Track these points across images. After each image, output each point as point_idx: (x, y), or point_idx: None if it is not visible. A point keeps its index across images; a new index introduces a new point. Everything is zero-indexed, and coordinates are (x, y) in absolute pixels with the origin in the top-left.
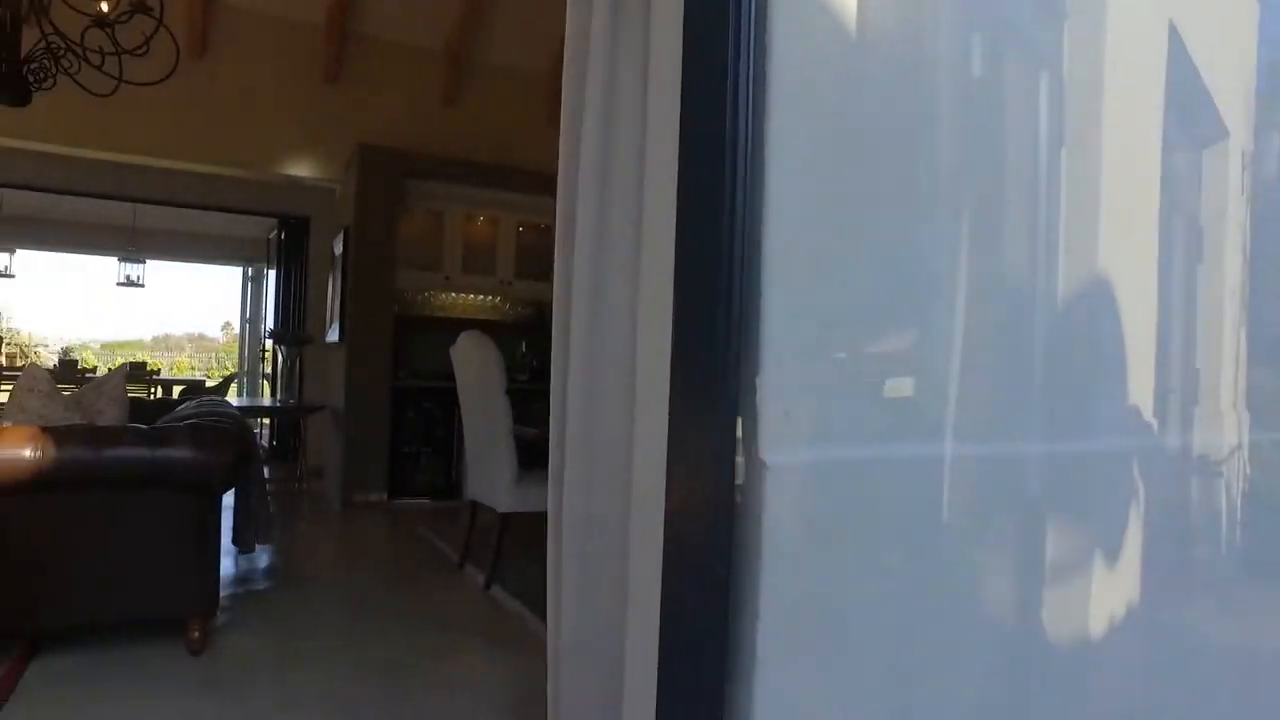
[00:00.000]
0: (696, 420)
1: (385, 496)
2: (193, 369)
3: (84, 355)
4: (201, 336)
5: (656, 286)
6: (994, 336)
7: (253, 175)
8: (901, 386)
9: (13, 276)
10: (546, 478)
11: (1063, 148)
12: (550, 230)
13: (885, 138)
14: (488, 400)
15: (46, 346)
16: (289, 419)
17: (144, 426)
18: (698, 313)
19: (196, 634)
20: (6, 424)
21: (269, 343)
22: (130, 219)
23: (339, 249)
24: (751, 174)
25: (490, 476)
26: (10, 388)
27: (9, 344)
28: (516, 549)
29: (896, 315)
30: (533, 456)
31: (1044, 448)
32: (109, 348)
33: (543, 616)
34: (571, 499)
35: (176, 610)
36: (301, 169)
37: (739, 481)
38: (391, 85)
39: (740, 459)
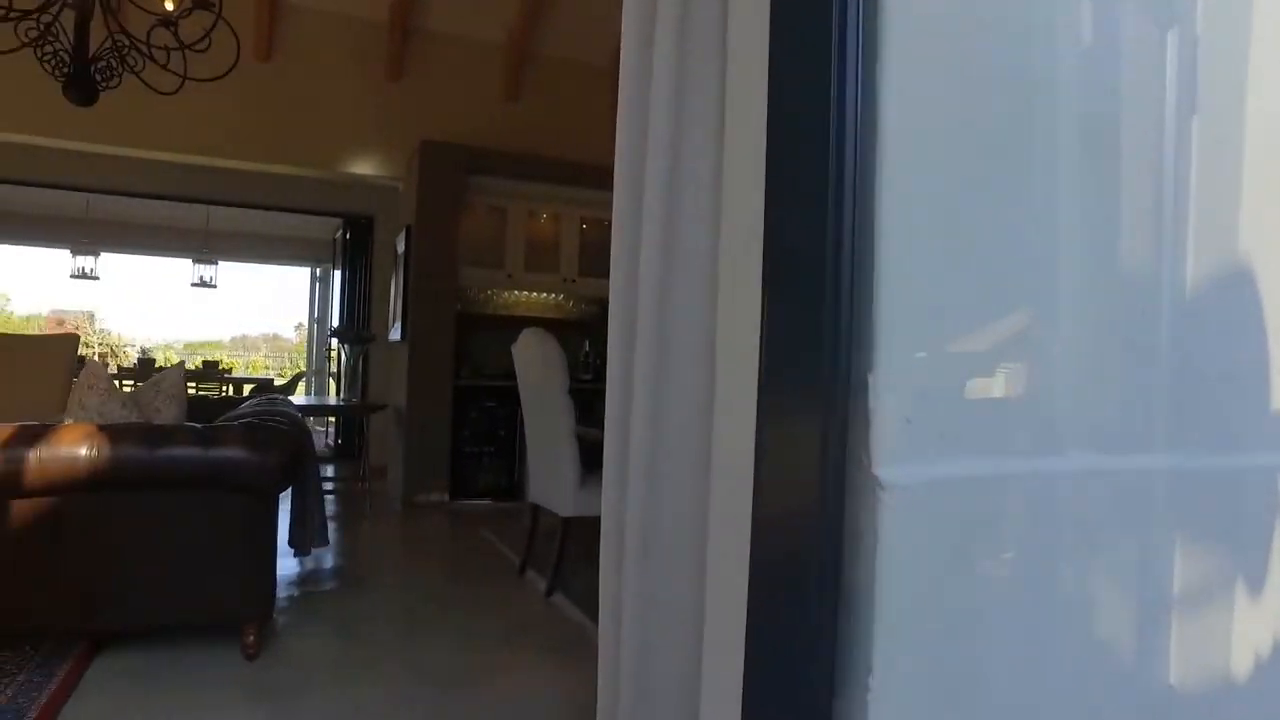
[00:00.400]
0: (792, 427)
1: (447, 497)
2: (267, 368)
3: (168, 356)
4: (276, 337)
5: (740, 272)
6: (1164, 332)
7: (318, 174)
8: (1053, 388)
9: (97, 278)
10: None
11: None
12: None
13: (1027, 93)
14: (550, 400)
15: (134, 346)
16: (352, 418)
17: (198, 425)
18: (794, 301)
19: (251, 638)
20: (68, 421)
21: (334, 342)
22: (204, 221)
23: (401, 247)
24: (861, 134)
25: (552, 479)
26: None
27: (101, 344)
28: (579, 555)
29: (1046, 303)
30: (596, 459)
31: (1224, 461)
32: (191, 347)
33: None
34: (633, 508)
35: (231, 614)
36: (366, 167)
37: (845, 499)
38: (453, 81)
39: (835, 470)
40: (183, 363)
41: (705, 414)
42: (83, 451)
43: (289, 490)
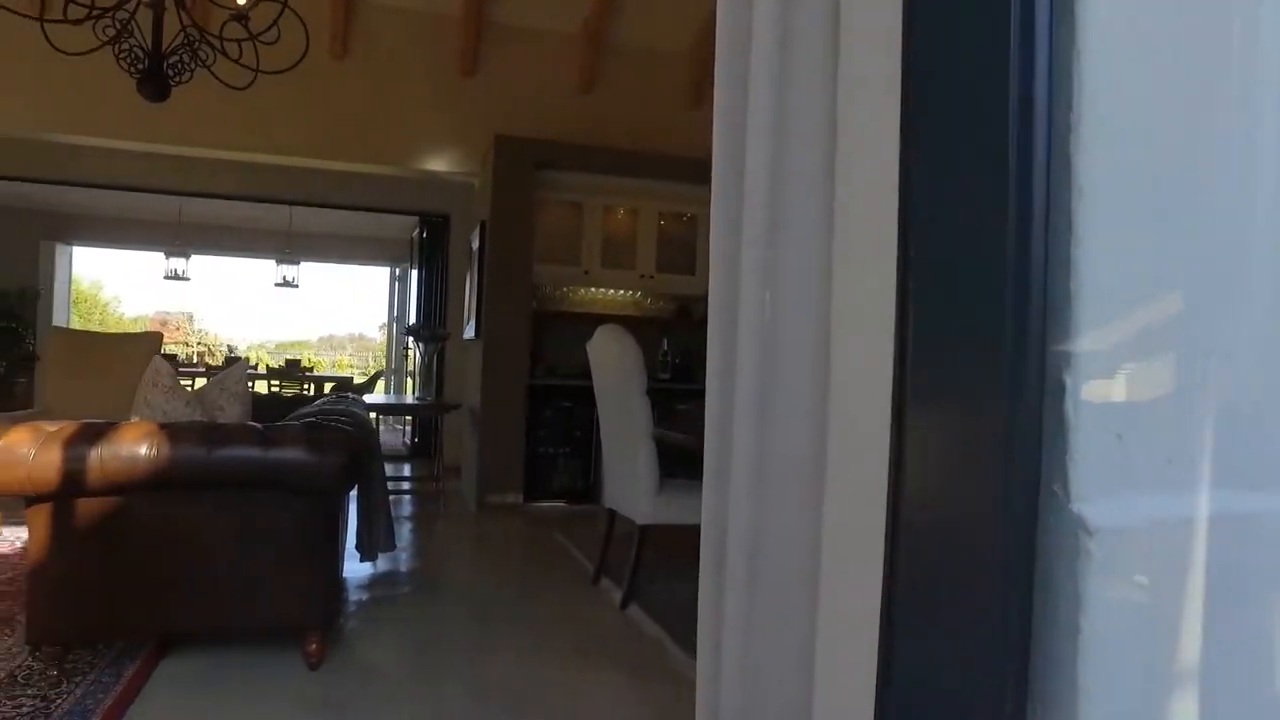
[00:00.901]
0: (950, 444)
1: (521, 498)
2: (352, 367)
3: (259, 355)
4: (361, 336)
5: (862, 247)
6: None
7: (394, 172)
8: None
9: (188, 279)
10: (690, 487)
11: None
12: (694, 221)
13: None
14: (627, 400)
15: (229, 346)
16: (427, 416)
17: (257, 425)
18: (950, 279)
19: (314, 646)
20: (135, 419)
21: (410, 340)
22: (286, 223)
23: (476, 243)
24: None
25: (628, 484)
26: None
27: (199, 343)
28: (657, 564)
29: None
30: (675, 463)
31: None
32: (282, 347)
33: (684, 645)
34: (737, 522)
35: (294, 620)
36: (440, 164)
37: (1035, 543)
38: (528, 74)
39: (1018, 504)
40: (245, 359)
41: (816, 419)
42: (143, 450)
43: (355, 493)
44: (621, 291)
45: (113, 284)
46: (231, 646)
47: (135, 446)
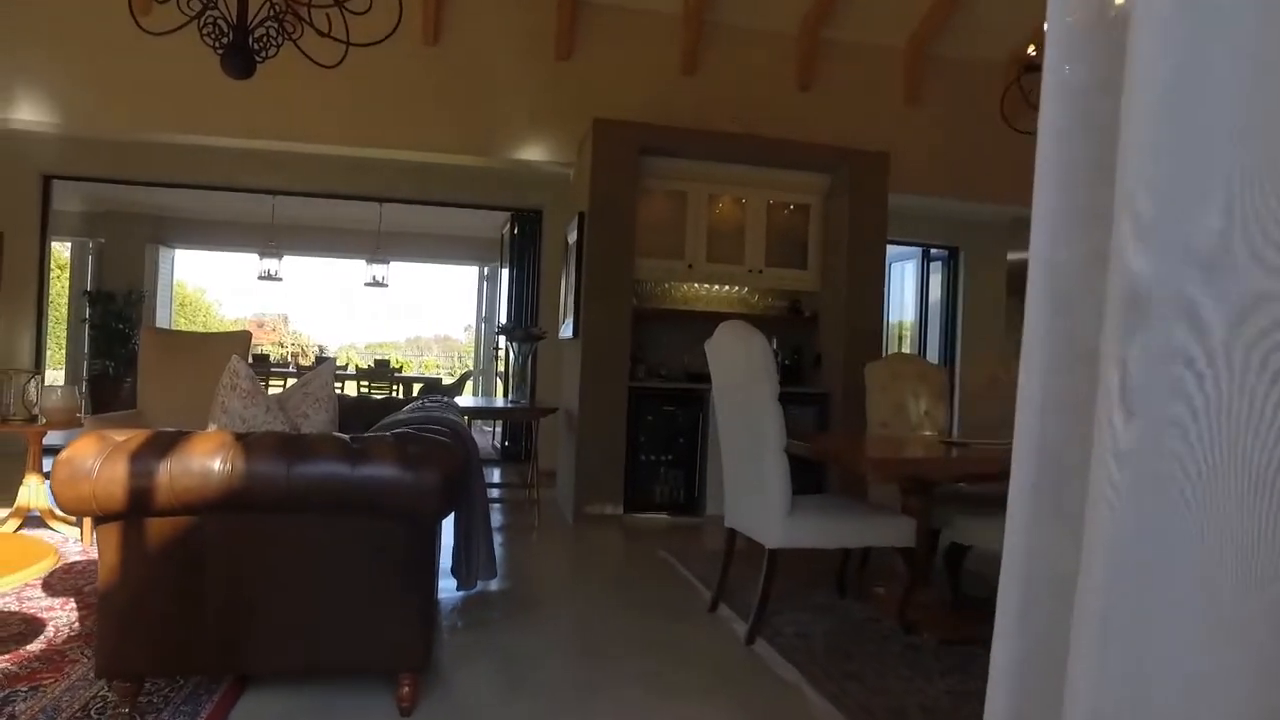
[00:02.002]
0: None
1: (621, 510)
2: (438, 368)
3: (350, 357)
4: (446, 338)
5: None
6: None
7: (487, 164)
8: None
9: (280, 279)
10: (823, 506)
11: None
12: (804, 211)
13: None
14: (755, 408)
15: (321, 346)
16: (520, 421)
17: (344, 437)
18: None
19: (407, 689)
20: (212, 427)
21: (501, 340)
22: (376, 222)
23: (572, 236)
24: None
25: (756, 503)
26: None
27: (294, 344)
28: (789, 594)
29: None
30: (806, 479)
31: None
32: (371, 348)
33: (823, 691)
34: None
35: (384, 662)
36: (535, 153)
37: None
38: (626, 56)
39: None
40: (332, 360)
41: None
42: (215, 466)
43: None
44: (727, 287)
45: (214, 287)
46: (315, 684)
47: (207, 461)
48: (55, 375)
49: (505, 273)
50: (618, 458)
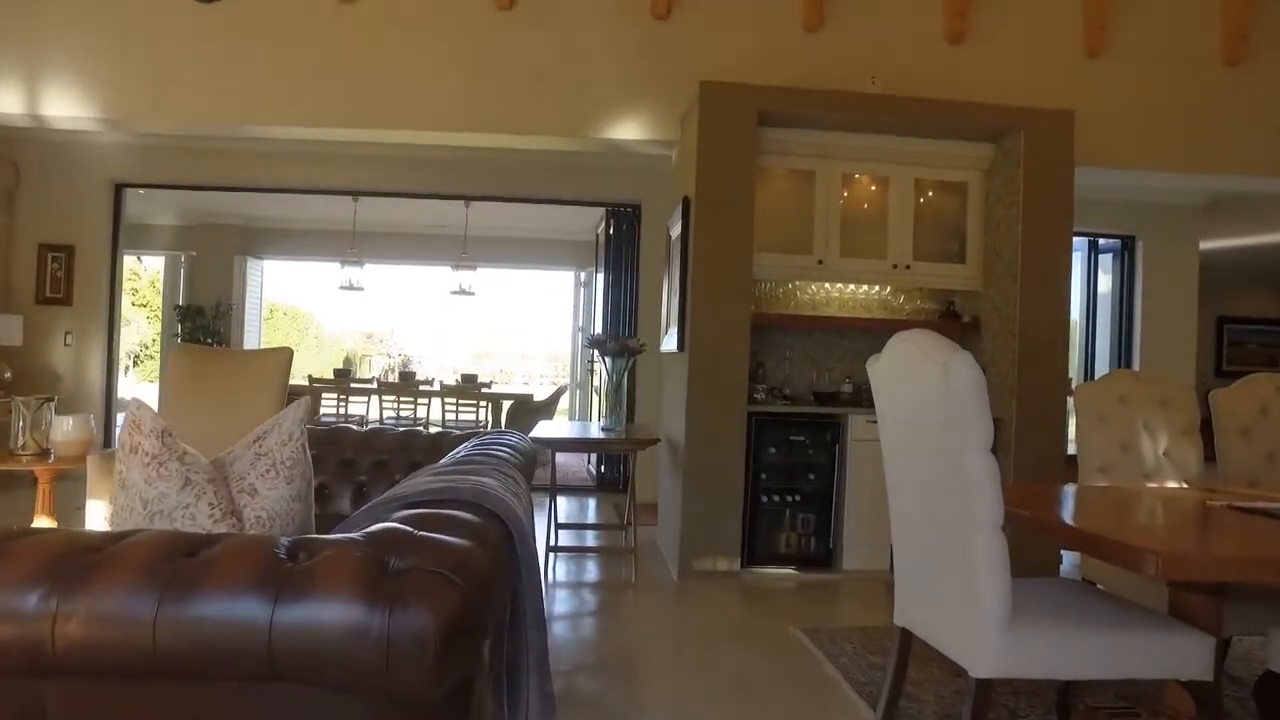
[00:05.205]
0: None
1: (738, 565)
2: (543, 378)
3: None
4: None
5: None
6: None
7: (575, 146)
8: None
9: (362, 289)
10: (1060, 609)
11: None
12: (962, 190)
13: None
14: (951, 460)
15: (408, 359)
16: (615, 453)
17: (277, 542)
18: None
19: None
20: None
21: (595, 353)
22: (462, 225)
23: (675, 229)
24: None
25: (949, 602)
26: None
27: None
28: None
29: None
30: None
31: None
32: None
33: None
34: None
35: None
36: (630, 130)
37: None
38: (737, 12)
39: None
40: (305, 400)
41: None
42: (31, 603)
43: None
44: (865, 288)
45: (311, 302)
46: None
47: (17, 595)
48: (150, 393)
49: (600, 277)
50: (734, 499)
